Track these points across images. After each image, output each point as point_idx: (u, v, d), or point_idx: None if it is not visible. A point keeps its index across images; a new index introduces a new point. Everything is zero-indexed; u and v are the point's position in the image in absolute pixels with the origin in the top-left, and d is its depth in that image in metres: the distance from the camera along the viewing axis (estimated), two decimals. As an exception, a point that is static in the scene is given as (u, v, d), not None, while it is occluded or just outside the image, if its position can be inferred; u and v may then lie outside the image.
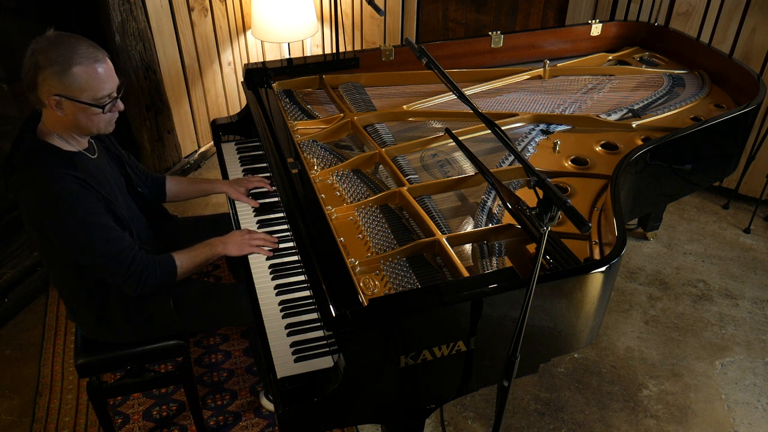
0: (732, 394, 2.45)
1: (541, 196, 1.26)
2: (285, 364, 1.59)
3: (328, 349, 1.62)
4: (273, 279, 1.85)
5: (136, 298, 1.80)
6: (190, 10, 3.35)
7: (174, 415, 2.33)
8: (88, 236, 1.63)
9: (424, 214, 1.80)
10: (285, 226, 2.03)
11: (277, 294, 1.80)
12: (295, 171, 1.96)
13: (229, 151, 2.48)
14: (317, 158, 2.12)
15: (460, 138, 1.86)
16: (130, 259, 1.69)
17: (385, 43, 3.79)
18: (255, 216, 2.10)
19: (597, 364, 2.56)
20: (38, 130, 1.68)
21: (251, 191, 2.18)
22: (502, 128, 1.92)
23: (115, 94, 1.65)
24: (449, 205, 1.95)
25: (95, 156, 1.77)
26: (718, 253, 3.15)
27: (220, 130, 2.54)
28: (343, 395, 1.45)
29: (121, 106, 1.69)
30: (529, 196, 1.81)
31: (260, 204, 2.13)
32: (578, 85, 2.69)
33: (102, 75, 1.60)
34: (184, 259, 1.82)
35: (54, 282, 1.86)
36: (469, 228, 1.82)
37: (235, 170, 2.36)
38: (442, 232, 1.74)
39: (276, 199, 2.16)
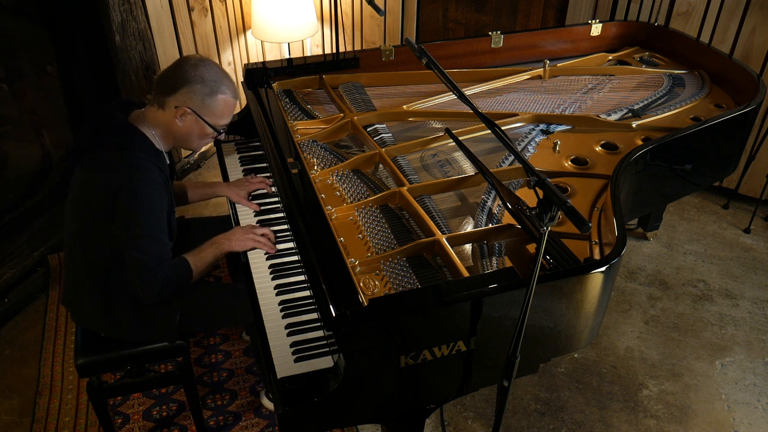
0: (732, 394, 2.45)
1: (541, 196, 1.26)
2: (285, 364, 1.59)
3: (328, 349, 1.62)
4: (273, 279, 1.85)
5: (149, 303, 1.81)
6: (190, 10, 3.35)
7: (174, 415, 2.33)
8: (147, 229, 1.69)
9: (424, 214, 1.80)
10: (285, 226, 2.03)
11: (277, 294, 1.80)
12: (295, 171, 1.96)
13: (229, 151, 2.48)
14: (317, 158, 2.12)
15: (460, 138, 1.86)
16: (162, 266, 1.73)
17: (385, 43, 3.79)
18: (255, 216, 2.10)
19: (597, 364, 2.56)
20: (133, 118, 1.78)
21: (252, 193, 2.18)
22: (502, 128, 1.92)
23: (227, 126, 1.84)
24: (449, 205, 1.95)
25: (168, 162, 1.87)
26: (718, 253, 3.15)
27: (220, 130, 2.54)
28: (343, 395, 1.45)
29: (223, 136, 1.88)
30: (529, 196, 1.81)
31: (260, 206, 2.13)
32: (578, 85, 2.69)
33: (231, 108, 1.81)
34: (196, 261, 1.84)
35: (72, 267, 1.88)
36: (469, 228, 1.82)
37: (235, 170, 2.36)
38: (442, 232, 1.74)
39: (276, 199, 2.16)
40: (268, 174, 2.29)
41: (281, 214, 2.09)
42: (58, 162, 3.10)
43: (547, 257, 1.61)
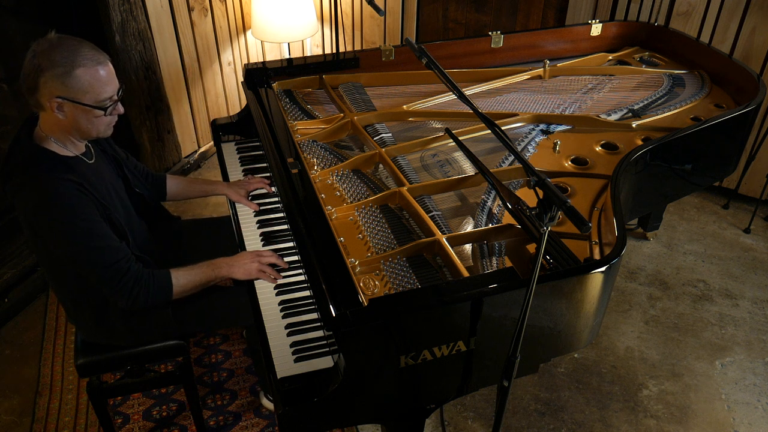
0: (732, 394, 2.45)
1: (541, 196, 1.26)
2: (285, 364, 1.59)
3: (328, 349, 1.62)
4: (273, 279, 1.85)
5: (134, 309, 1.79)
6: (190, 10, 3.35)
7: (174, 415, 2.33)
8: (83, 243, 1.61)
9: (424, 214, 1.80)
10: (285, 226, 2.03)
11: (277, 294, 1.80)
12: (295, 171, 1.96)
13: (229, 151, 2.47)
14: (317, 158, 2.12)
15: (460, 138, 1.86)
16: (123, 270, 1.66)
17: (385, 43, 3.79)
18: (255, 216, 2.10)
19: (597, 364, 2.56)
20: (35, 135, 1.67)
21: (251, 193, 2.18)
22: (502, 128, 1.92)
23: (116, 97, 1.65)
24: (449, 205, 1.95)
25: (92, 161, 1.76)
26: (718, 253, 3.15)
27: (220, 130, 2.54)
28: (343, 395, 1.45)
29: (121, 109, 1.69)
30: (529, 196, 1.80)
31: (260, 206, 2.13)
32: (578, 85, 2.69)
33: (104, 77, 1.60)
34: (182, 277, 1.77)
35: (52, 286, 1.85)
36: (469, 228, 1.82)
37: (235, 170, 2.36)
38: (442, 232, 1.73)
39: (276, 199, 2.16)
40: (268, 174, 2.29)
41: (281, 214, 2.09)
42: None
43: (547, 257, 1.61)
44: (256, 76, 2.46)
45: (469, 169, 2.09)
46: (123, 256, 1.67)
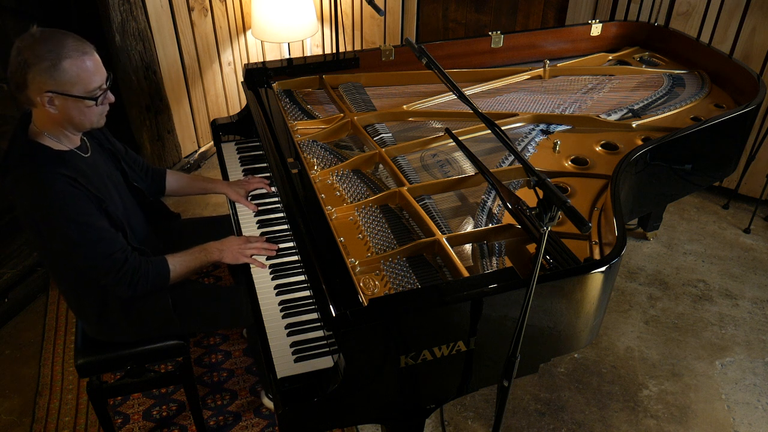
0: (732, 394, 2.45)
1: (541, 196, 1.26)
2: (285, 364, 1.59)
3: (328, 349, 1.62)
4: (273, 279, 1.85)
5: (134, 298, 1.80)
6: (190, 10, 3.35)
7: (174, 415, 2.33)
8: (79, 237, 1.63)
9: (424, 214, 1.80)
10: (285, 226, 2.03)
11: (277, 294, 1.80)
12: (295, 171, 1.96)
13: (229, 151, 2.48)
14: (317, 158, 2.12)
15: (460, 138, 1.86)
16: (122, 260, 1.68)
17: (385, 43, 3.79)
18: (255, 216, 2.10)
19: (597, 364, 2.56)
20: (29, 131, 1.67)
21: (251, 193, 2.18)
22: (502, 128, 1.92)
23: (105, 86, 1.65)
24: (449, 205, 1.95)
25: (88, 154, 1.76)
26: (718, 253, 3.15)
27: (220, 130, 2.54)
28: (343, 395, 1.45)
29: (111, 97, 1.69)
30: (529, 196, 1.80)
31: (260, 206, 2.13)
32: (578, 85, 2.69)
33: (91, 67, 1.59)
34: (177, 263, 1.80)
35: (55, 281, 1.86)
36: (469, 228, 1.82)
37: (235, 170, 2.36)
38: (442, 232, 1.74)
39: (276, 199, 2.16)
40: (268, 174, 2.29)
41: (281, 214, 2.09)
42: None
43: (547, 257, 1.61)
44: (256, 76, 2.46)
45: (469, 169, 2.09)
46: (119, 247, 1.69)
